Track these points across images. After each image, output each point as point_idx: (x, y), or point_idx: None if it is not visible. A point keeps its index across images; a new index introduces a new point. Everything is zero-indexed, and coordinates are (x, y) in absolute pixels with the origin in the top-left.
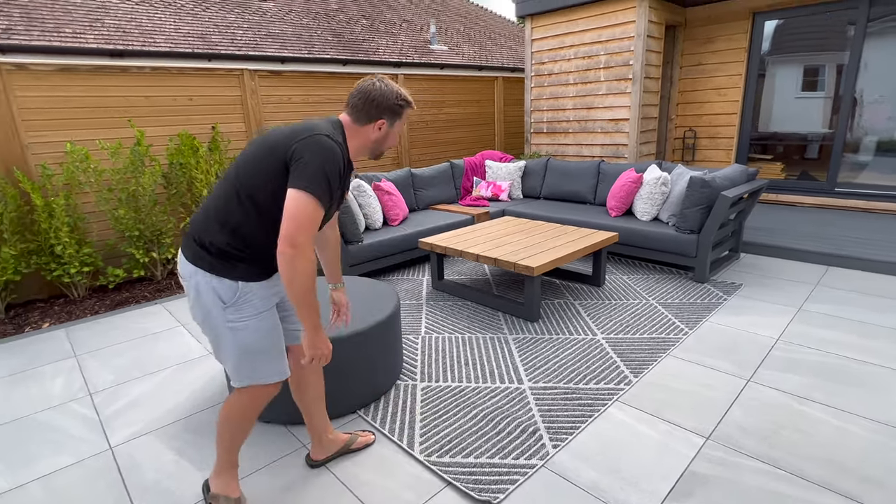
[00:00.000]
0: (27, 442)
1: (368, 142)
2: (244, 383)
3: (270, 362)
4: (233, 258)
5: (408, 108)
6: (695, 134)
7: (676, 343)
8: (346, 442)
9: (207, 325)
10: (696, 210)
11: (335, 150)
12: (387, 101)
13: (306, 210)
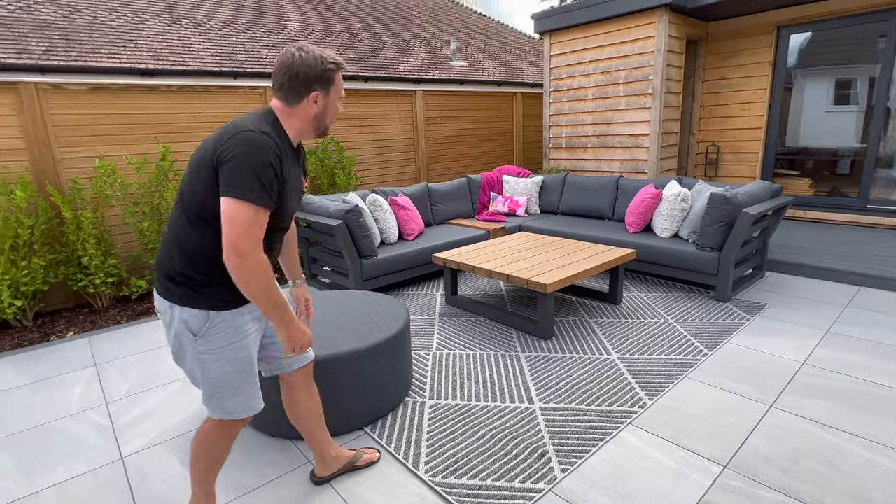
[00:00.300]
0: (45, 449)
1: (308, 120)
2: (216, 415)
3: (240, 396)
4: (198, 283)
5: (339, 70)
6: (718, 149)
7: (694, 365)
8: (351, 459)
9: (180, 358)
10: (718, 227)
11: (263, 143)
12: (314, 71)
13: (242, 216)
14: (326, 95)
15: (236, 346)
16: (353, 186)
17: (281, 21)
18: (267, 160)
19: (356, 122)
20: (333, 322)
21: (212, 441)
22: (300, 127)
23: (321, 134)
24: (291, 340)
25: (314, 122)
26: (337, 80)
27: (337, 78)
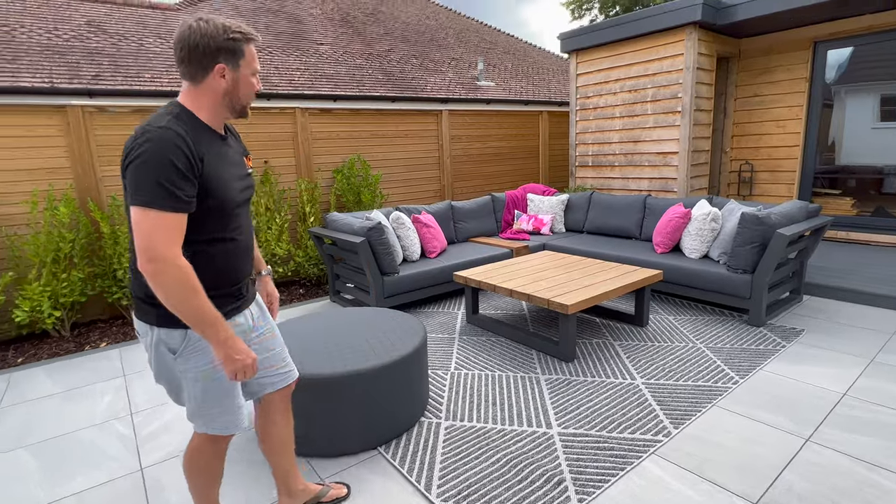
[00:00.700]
0: (70, 458)
1: (218, 97)
2: (200, 430)
3: (222, 415)
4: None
5: (247, 40)
6: (752, 167)
7: (724, 393)
8: (317, 494)
9: (163, 378)
10: (750, 248)
11: (161, 141)
12: (215, 41)
13: (146, 224)
14: (234, 69)
15: (217, 365)
16: (378, 204)
17: (314, 45)
18: (166, 159)
19: (383, 141)
20: (349, 338)
21: (204, 458)
22: (211, 106)
23: (239, 114)
24: (227, 362)
25: (225, 99)
26: (247, 53)
27: (247, 50)
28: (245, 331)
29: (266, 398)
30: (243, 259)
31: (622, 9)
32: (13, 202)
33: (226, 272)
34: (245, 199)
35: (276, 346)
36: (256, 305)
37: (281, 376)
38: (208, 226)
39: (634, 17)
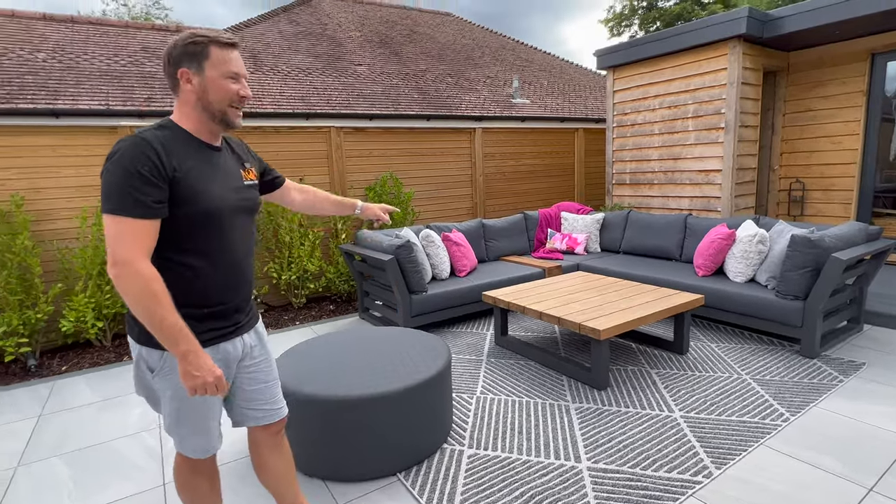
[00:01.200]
0: (100, 468)
1: (192, 105)
2: (176, 447)
3: (192, 436)
4: None
5: (213, 44)
6: (803, 185)
7: (773, 431)
8: None
9: (142, 391)
10: (801, 273)
11: (130, 150)
12: (178, 49)
13: (112, 229)
14: (199, 72)
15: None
16: (410, 221)
17: (352, 66)
18: (132, 167)
19: (416, 159)
20: (371, 359)
21: (183, 475)
22: (191, 115)
23: (220, 121)
24: (186, 377)
25: (199, 105)
26: (213, 55)
27: (212, 52)
28: (230, 360)
29: (253, 433)
30: (234, 279)
31: (663, 24)
32: (66, 217)
33: (211, 290)
34: (240, 210)
35: (268, 380)
36: (256, 335)
37: (267, 412)
38: (192, 237)
39: (675, 31)
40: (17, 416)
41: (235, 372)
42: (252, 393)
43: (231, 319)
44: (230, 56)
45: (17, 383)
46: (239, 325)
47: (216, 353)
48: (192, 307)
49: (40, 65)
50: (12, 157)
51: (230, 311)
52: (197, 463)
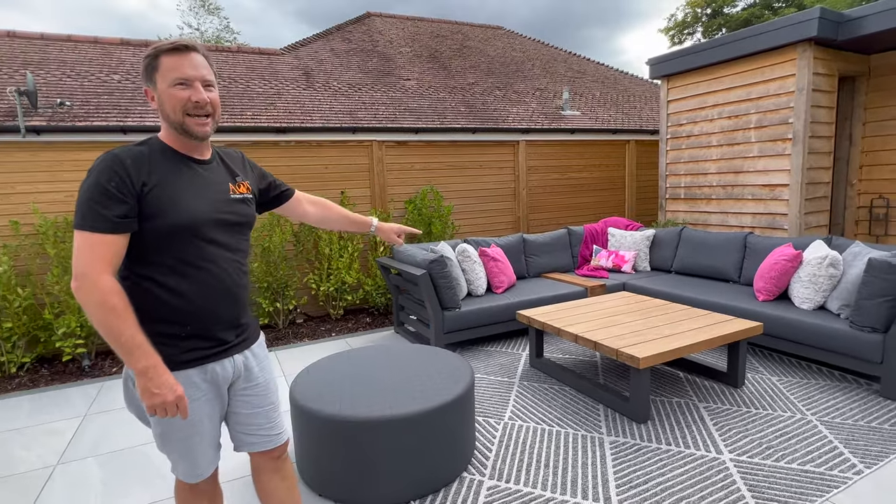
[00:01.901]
0: (127, 472)
1: (162, 119)
2: (171, 469)
3: (180, 460)
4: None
5: (162, 55)
6: (887, 202)
7: (843, 485)
8: None
9: (132, 409)
10: (880, 302)
11: (99, 164)
12: (141, 70)
13: (77, 242)
14: (153, 86)
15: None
16: (449, 235)
17: (400, 80)
18: (99, 184)
19: (458, 172)
20: (391, 378)
21: (183, 496)
22: (166, 129)
23: (182, 132)
24: (145, 395)
25: (164, 120)
26: (162, 65)
27: (161, 62)
28: (219, 381)
29: (253, 458)
30: (216, 296)
31: (729, 32)
32: None
33: (190, 308)
34: (220, 224)
35: (265, 405)
36: (253, 357)
37: (264, 438)
38: (165, 251)
39: (735, 36)
40: (66, 415)
41: (230, 395)
42: (248, 417)
43: (216, 339)
44: (179, 62)
45: (71, 382)
46: (228, 346)
47: (203, 374)
48: (172, 324)
49: (115, 85)
50: (79, 171)
51: (215, 329)
52: (197, 488)
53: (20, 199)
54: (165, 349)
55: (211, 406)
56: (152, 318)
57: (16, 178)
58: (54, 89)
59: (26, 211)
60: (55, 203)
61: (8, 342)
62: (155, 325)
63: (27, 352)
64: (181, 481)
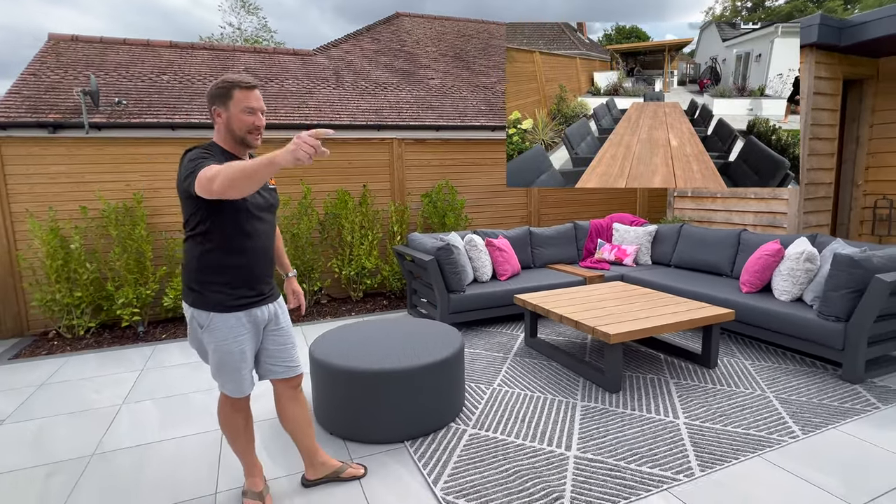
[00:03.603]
0: (178, 412)
1: (223, 132)
2: (219, 389)
3: (231, 381)
4: (202, 291)
5: (235, 88)
6: (891, 203)
7: (776, 445)
8: (337, 469)
9: (194, 344)
10: (843, 294)
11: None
12: (211, 92)
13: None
14: (226, 109)
15: (229, 342)
16: (462, 227)
17: (424, 80)
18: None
19: (473, 168)
20: (392, 343)
21: (224, 412)
22: (224, 138)
23: (241, 143)
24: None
25: (227, 133)
26: (236, 95)
27: (236, 93)
28: (259, 322)
29: (276, 386)
30: (259, 260)
31: None
32: (173, 213)
33: (246, 267)
34: (264, 206)
35: (287, 343)
36: (279, 307)
37: (286, 368)
38: (227, 224)
39: None
40: (126, 369)
41: (263, 335)
42: (275, 351)
43: (257, 290)
44: (247, 95)
45: (129, 344)
46: (264, 297)
47: (248, 317)
48: (230, 278)
49: (164, 85)
50: (138, 163)
51: (257, 284)
52: (235, 402)
53: (88, 188)
54: (224, 296)
55: (252, 342)
56: (217, 274)
57: (85, 168)
58: (112, 89)
59: (92, 198)
60: (116, 192)
61: (78, 309)
62: (219, 277)
63: (92, 318)
64: (226, 400)
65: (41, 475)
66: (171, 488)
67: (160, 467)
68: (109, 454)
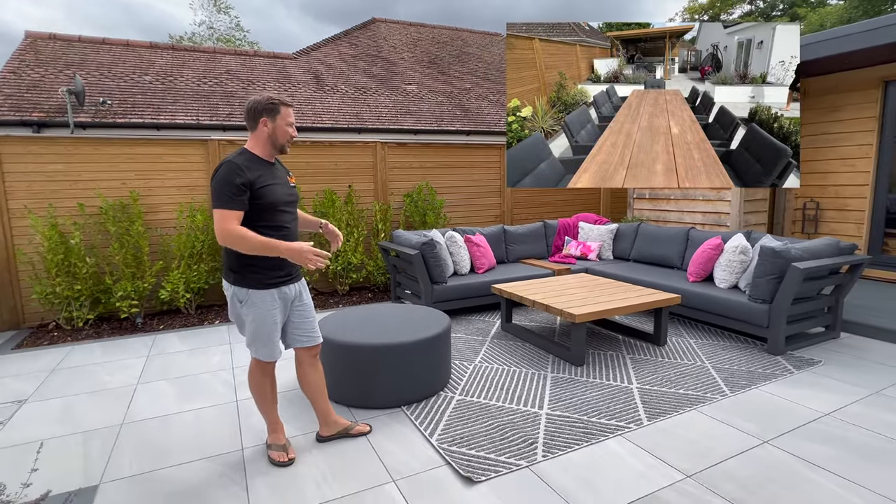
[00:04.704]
0: (193, 389)
1: (264, 138)
2: (252, 355)
3: (264, 346)
4: (241, 272)
5: (282, 105)
6: (817, 205)
7: (709, 401)
8: (346, 427)
9: (234, 317)
10: (768, 279)
11: (227, 168)
12: (260, 105)
13: (216, 217)
14: (273, 121)
15: (265, 314)
16: (441, 225)
17: (402, 85)
18: (229, 179)
19: (451, 171)
20: (388, 323)
21: (255, 376)
22: (260, 145)
23: (280, 151)
24: (297, 259)
25: (269, 140)
26: (282, 111)
27: (282, 109)
28: (287, 299)
29: (298, 354)
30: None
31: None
32: (167, 210)
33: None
34: (289, 202)
35: (310, 317)
36: (302, 286)
37: (308, 337)
38: (263, 217)
39: None
40: (132, 356)
41: (290, 309)
42: (299, 324)
43: (286, 270)
44: (289, 111)
45: (128, 335)
46: (292, 276)
47: (279, 293)
48: (265, 261)
49: (147, 86)
50: (133, 162)
51: (286, 265)
52: (265, 368)
53: (85, 186)
54: (260, 276)
55: (281, 314)
56: (255, 258)
57: (82, 167)
58: (95, 88)
59: (90, 195)
60: (112, 189)
61: (77, 301)
62: (256, 262)
63: (90, 310)
64: (258, 366)
65: (79, 441)
66: (200, 447)
67: (186, 431)
68: (138, 423)
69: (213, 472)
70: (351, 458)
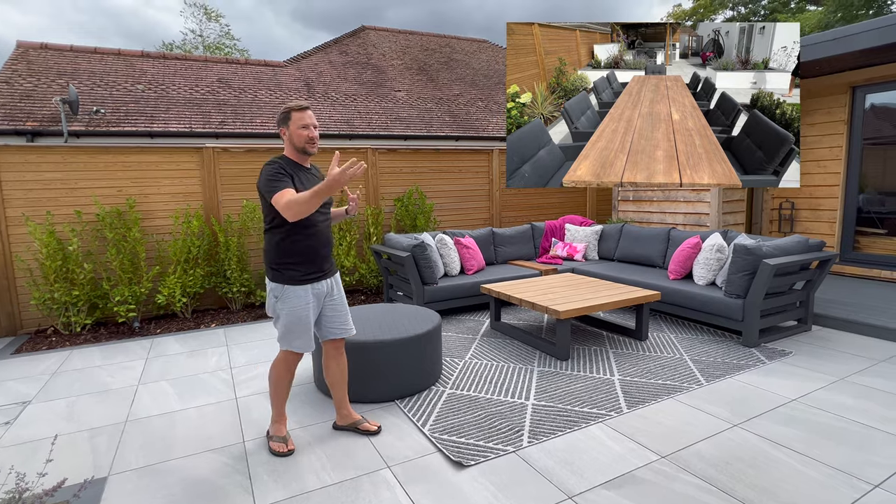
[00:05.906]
0: (193, 388)
1: (288, 144)
2: (283, 347)
3: (298, 339)
4: (279, 269)
5: (293, 111)
6: (792, 205)
7: (685, 390)
8: (357, 421)
9: (271, 311)
10: (742, 276)
11: (271, 165)
12: (278, 117)
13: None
14: (287, 128)
15: (299, 308)
16: (431, 228)
17: (392, 91)
18: (272, 171)
19: (440, 175)
20: (380, 321)
21: (278, 369)
22: (289, 150)
23: (302, 152)
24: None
25: (291, 145)
26: (294, 116)
27: (293, 115)
28: (321, 294)
29: (325, 345)
30: (322, 244)
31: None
32: (163, 217)
33: (311, 250)
34: (324, 203)
35: (342, 311)
36: (335, 282)
37: (339, 330)
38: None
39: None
40: (132, 358)
41: (324, 304)
42: (333, 317)
43: (319, 267)
44: (302, 115)
45: (126, 339)
46: (325, 273)
47: (313, 289)
48: (300, 258)
49: (140, 94)
50: (128, 170)
51: (320, 262)
52: (291, 363)
53: (81, 193)
54: (295, 272)
55: (315, 310)
56: (289, 256)
57: (78, 175)
58: (87, 97)
59: (87, 203)
60: (108, 196)
61: (75, 306)
62: (291, 259)
63: (88, 315)
64: (285, 359)
65: (86, 437)
66: (203, 440)
67: (189, 427)
68: (142, 420)
69: (217, 462)
70: (348, 448)
